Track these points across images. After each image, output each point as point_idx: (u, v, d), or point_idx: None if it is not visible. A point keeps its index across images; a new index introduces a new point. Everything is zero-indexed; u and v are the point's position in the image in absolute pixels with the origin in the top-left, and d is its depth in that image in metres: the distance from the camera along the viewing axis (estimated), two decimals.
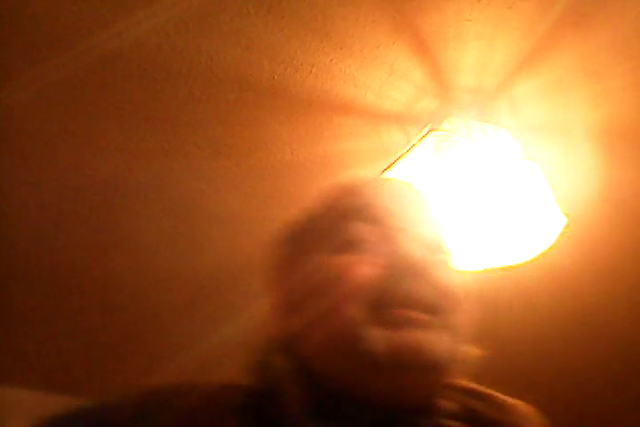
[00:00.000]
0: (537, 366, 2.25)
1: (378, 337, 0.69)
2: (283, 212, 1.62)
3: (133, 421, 0.70)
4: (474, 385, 0.81)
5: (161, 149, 1.61)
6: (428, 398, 0.73)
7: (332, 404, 0.70)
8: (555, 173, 1.55)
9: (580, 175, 1.65)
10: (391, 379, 0.70)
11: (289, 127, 1.56)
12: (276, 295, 0.81)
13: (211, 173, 1.65)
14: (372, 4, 1.31)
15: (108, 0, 1.29)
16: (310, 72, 1.44)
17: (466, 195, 1.43)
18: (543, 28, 1.35)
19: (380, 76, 1.45)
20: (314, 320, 0.74)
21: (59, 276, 1.97)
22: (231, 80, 1.45)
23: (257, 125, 1.56)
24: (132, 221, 1.80)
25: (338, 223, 0.78)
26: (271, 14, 1.32)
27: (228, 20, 1.33)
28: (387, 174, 1.40)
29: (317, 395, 0.70)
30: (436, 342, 0.71)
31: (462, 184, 1.43)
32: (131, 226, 1.81)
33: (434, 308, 0.72)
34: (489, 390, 0.81)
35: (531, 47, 1.39)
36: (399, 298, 0.71)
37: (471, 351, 0.79)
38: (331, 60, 1.42)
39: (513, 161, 1.41)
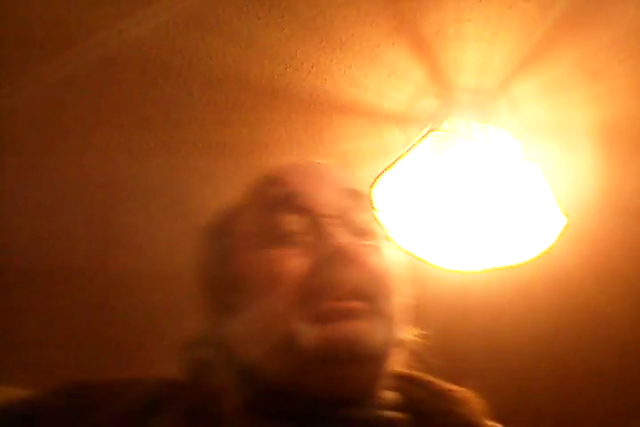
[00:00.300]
0: (537, 365, 2.24)
1: (309, 332, 0.68)
2: None
3: (62, 416, 0.68)
4: (416, 373, 0.79)
5: (161, 148, 1.61)
6: (369, 390, 0.71)
7: (269, 399, 0.69)
8: (555, 173, 1.54)
9: (579, 175, 1.65)
10: (325, 373, 0.68)
11: (289, 127, 1.56)
12: (205, 291, 0.80)
13: (211, 173, 1.65)
14: (372, 3, 1.31)
15: (108, 0, 1.29)
16: (310, 72, 1.44)
17: (466, 195, 1.43)
18: (543, 28, 1.35)
19: (380, 76, 1.45)
20: (245, 318, 0.73)
21: (58, 276, 1.97)
22: (231, 80, 1.45)
23: (257, 125, 1.56)
24: (132, 221, 1.80)
25: (264, 215, 0.76)
26: (271, 14, 1.32)
27: (227, 20, 1.33)
28: (387, 174, 1.40)
29: (253, 390, 0.69)
30: (370, 331, 0.69)
31: (462, 184, 1.43)
32: (131, 226, 1.81)
33: (366, 295, 0.70)
34: (431, 378, 0.79)
35: (531, 47, 1.39)
36: (330, 288, 0.69)
37: (409, 336, 0.77)
38: (331, 60, 1.42)
39: (513, 161, 1.41)
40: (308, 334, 0.68)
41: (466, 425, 0.73)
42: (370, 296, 0.71)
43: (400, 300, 0.75)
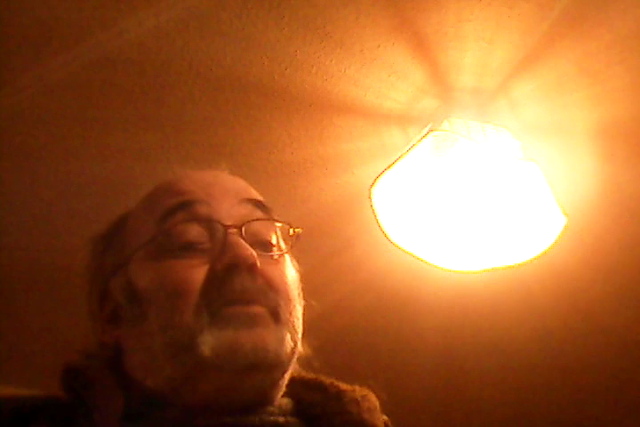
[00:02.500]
0: (537, 365, 2.24)
1: (209, 340, 0.67)
2: (283, 212, 1.62)
3: None
4: (310, 376, 0.79)
5: (161, 148, 1.61)
6: (268, 397, 0.71)
7: (154, 411, 0.67)
8: (555, 173, 1.54)
9: (579, 175, 1.65)
10: (224, 381, 0.67)
11: (289, 127, 1.56)
12: (95, 301, 0.78)
13: None
14: (372, 4, 1.31)
15: (109, 0, 1.29)
16: (310, 72, 1.44)
17: (466, 195, 1.43)
18: (543, 29, 1.35)
19: (380, 76, 1.45)
20: (144, 329, 0.71)
21: (58, 276, 1.97)
22: (231, 80, 1.45)
23: (257, 125, 1.55)
24: None
25: (159, 225, 0.74)
26: (271, 14, 1.32)
27: (227, 20, 1.33)
28: (387, 174, 1.40)
29: (135, 403, 0.68)
30: (270, 339, 0.68)
31: (462, 184, 1.43)
32: None
33: (267, 302, 0.70)
34: (326, 379, 0.78)
35: (531, 47, 1.39)
36: (230, 295, 0.69)
37: (306, 346, 0.77)
38: (331, 60, 1.42)
39: (513, 161, 1.41)
40: (208, 342, 0.67)
41: (358, 423, 0.73)
42: (270, 303, 0.70)
43: (299, 311, 0.75)
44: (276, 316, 0.70)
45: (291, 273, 0.76)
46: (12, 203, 1.75)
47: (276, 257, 0.76)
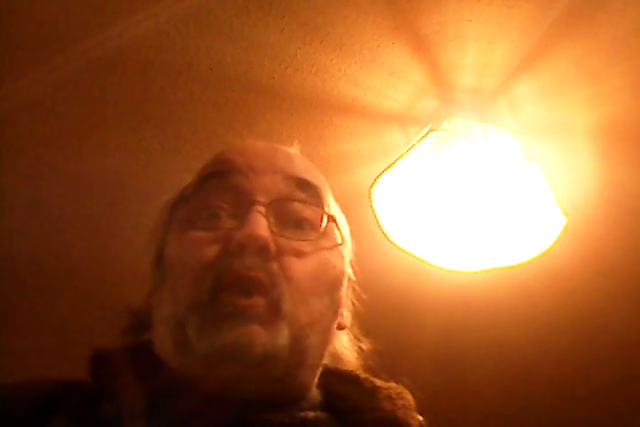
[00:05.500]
0: (536, 365, 2.24)
1: (202, 327, 0.63)
2: None
3: None
4: (346, 369, 0.75)
5: (161, 148, 1.61)
6: (285, 393, 0.67)
7: (179, 401, 0.64)
8: (555, 173, 1.55)
9: (579, 175, 1.65)
10: (219, 373, 0.64)
11: (289, 127, 1.56)
12: (152, 264, 0.75)
13: None
14: (372, 4, 1.31)
15: (108, 0, 1.29)
16: (310, 72, 1.44)
17: (466, 195, 1.43)
18: (543, 28, 1.35)
19: (380, 76, 1.45)
20: (159, 302, 0.69)
21: (58, 276, 1.97)
22: (231, 80, 1.45)
23: (257, 125, 1.56)
24: (132, 221, 1.80)
25: (196, 193, 0.72)
26: (271, 14, 1.32)
27: (227, 19, 1.33)
28: (387, 174, 1.40)
29: (162, 391, 0.64)
30: (262, 336, 0.63)
31: (462, 184, 1.43)
32: (131, 226, 1.81)
33: (268, 292, 0.65)
34: (362, 374, 0.75)
35: (531, 47, 1.39)
36: (230, 280, 0.64)
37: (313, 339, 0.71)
38: (331, 60, 1.42)
39: (513, 161, 1.41)
40: (202, 332, 0.63)
41: (391, 421, 0.69)
42: (273, 295, 0.65)
43: (327, 305, 0.70)
44: (277, 309, 0.65)
45: (324, 264, 0.70)
46: (11, 202, 1.75)
47: (305, 242, 0.69)
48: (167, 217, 0.76)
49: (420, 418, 0.73)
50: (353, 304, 0.78)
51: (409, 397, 0.73)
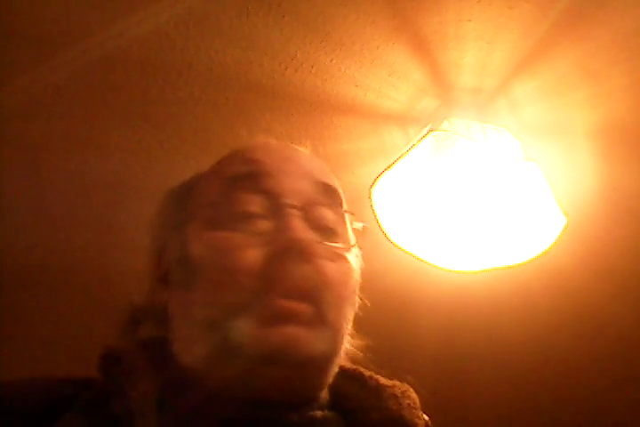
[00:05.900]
0: (536, 365, 2.25)
1: (249, 332, 0.63)
2: None
3: None
4: (352, 367, 0.76)
5: (161, 148, 1.61)
6: (309, 394, 0.68)
7: (191, 399, 0.64)
8: (555, 173, 1.55)
9: (579, 175, 1.65)
10: (262, 375, 0.64)
11: (289, 127, 1.56)
12: (153, 259, 0.75)
13: None
14: (372, 4, 1.31)
15: (109, 0, 1.29)
16: (310, 72, 1.44)
17: (466, 195, 1.43)
18: (543, 28, 1.35)
19: (380, 76, 1.45)
20: (190, 299, 0.68)
21: (58, 276, 1.97)
22: (231, 80, 1.45)
23: (257, 125, 1.56)
24: (132, 221, 1.80)
25: (224, 191, 0.71)
26: (271, 14, 1.32)
27: (227, 20, 1.33)
28: (387, 174, 1.40)
29: (174, 389, 0.64)
30: (310, 339, 0.64)
31: (462, 184, 1.43)
32: (131, 226, 1.81)
33: (314, 299, 0.66)
34: (367, 372, 0.75)
35: (531, 47, 1.39)
36: (278, 285, 0.65)
37: (353, 346, 0.74)
38: (331, 60, 1.42)
39: (513, 161, 1.41)
40: (249, 334, 0.63)
41: (397, 421, 0.70)
42: (317, 301, 0.66)
43: (351, 310, 0.71)
44: (324, 316, 0.66)
45: (351, 269, 0.72)
46: (12, 202, 1.75)
47: (339, 248, 0.70)
48: (173, 211, 0.75)
49: (426, 418, 0.74)
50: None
51: (414, 395, 0.74)
